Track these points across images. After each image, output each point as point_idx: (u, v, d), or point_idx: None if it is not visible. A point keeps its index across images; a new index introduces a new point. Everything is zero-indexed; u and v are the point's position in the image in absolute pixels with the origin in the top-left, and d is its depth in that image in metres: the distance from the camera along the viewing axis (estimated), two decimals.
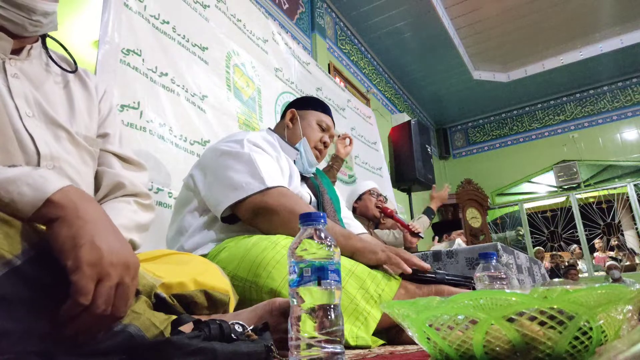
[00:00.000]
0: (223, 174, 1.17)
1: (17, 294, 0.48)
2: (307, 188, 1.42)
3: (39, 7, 0.73)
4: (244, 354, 0.55)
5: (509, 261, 1.85)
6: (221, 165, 1.19)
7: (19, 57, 0.77)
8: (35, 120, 0.75)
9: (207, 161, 1.26)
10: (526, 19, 5.01)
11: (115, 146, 0.92)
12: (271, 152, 1.28)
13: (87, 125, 0.86)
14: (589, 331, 0.45)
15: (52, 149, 0.75)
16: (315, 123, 1.47)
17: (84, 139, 0.83)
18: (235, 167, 1.16)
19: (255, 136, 1.29)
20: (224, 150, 1.22)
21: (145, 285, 0.65)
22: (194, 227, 1.21)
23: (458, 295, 0.48)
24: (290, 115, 1.47)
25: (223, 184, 1.15)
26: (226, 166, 1.18)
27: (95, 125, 0.89)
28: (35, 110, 0.75)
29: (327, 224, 0.59)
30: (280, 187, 1.13)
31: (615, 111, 6.33)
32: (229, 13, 2.50)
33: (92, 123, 0.88)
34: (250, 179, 1.12)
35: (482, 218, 6.42)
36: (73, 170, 0.79)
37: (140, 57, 1.82)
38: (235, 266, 1.02)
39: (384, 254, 1.06)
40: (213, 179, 1.19)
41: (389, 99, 5.65)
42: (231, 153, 1.20)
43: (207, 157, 1.28)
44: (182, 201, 1.30)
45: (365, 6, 4.55)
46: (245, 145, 1.21)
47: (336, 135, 2.64)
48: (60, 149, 0.77)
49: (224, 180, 1.15)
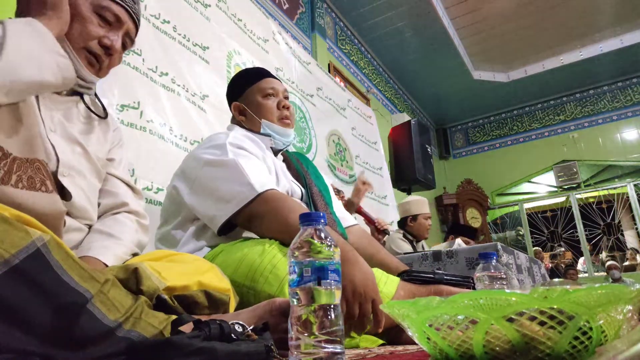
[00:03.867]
0: (211, 186, 1.12)
1: (17, 293, 0.48)
2: (295, 181, 1.35)
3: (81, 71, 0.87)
4: (244, 353, 0.54)
5: (509, 261, 1.85)
6: (207, 176, 1.14)
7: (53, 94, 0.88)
8: (57, 135, 0.85)
9: (190, 172, 1.19)
10: (526, 19, 5.01)
11: (119, 171, 1.01)
12: (257, 152, 1.22)
13: (99, 148, 0.95)
14: (589, 331, 0.45)
15: (69, 159, 0.84)
16: (261, 97, 1.34)
17: (96, 158, 0.92)
18: (221, 177, 1.11)
19: (237, 137, 1.22)
20: (207, 160, 1.15)
21: (150, 287, 0.65)
22: (185, 238, 1.18)
23: (458, 295, 0.48)
24: (236, 110, 1.37)
25: (213, 197, 1.11)
26: (212, 177, 1.12)
27: (107, 149, 0.98)
28: (58, 129, 0.86)
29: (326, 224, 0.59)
30: (271, 190, 1.08)
31: (615, 111, 6.33)
32: (229, 13, 2.50)
33: (104, 147, 0.97)
34: (240, 187, 1.07)
35: (482, 218, 6.42)
36: (85, 182, 0.86)
37: (140, 57, 1.82)
38: (232, 271, 1.00)
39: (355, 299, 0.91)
40: (202, 192, 1.14)
41: (389, 99, 5.65)
42: (215, 162, 1.14)
43: (189, 167, 1.21)
44: (167, 213, 1.26)
45: (366, 6, 4.55)
46: (228, 150, 1.14)
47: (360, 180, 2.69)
48: (75, 161, 0.86)
49: (213, 193, 1.11)
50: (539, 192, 6.86)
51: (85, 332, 0.51)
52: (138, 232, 0.95)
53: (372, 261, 1.28)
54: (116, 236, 0.88)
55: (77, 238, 0.87)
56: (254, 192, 1.05)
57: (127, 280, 0.64)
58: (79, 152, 0.88)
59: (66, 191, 0.81)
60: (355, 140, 3.82)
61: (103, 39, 0.88)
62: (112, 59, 0.92)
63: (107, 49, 0.89)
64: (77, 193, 0.83)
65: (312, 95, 3.27)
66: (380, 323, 0.91)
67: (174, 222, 1.23)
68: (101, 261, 0.82)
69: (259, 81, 1.36)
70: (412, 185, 4.19)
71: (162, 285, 0.68)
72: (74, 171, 0.85)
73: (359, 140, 3.91)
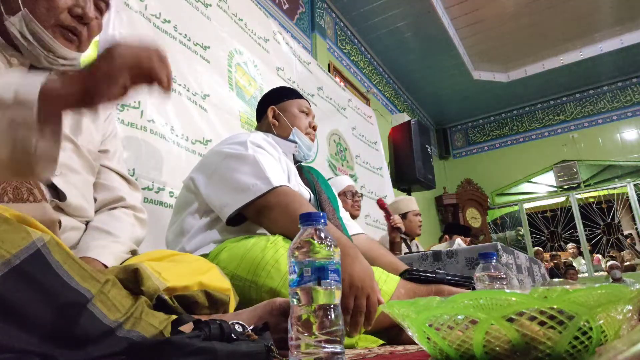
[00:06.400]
0: (229, 176, 1.18)
1: (17, 293, 0.48)
2: (305, 186, 1.42)
3: (60, 51, 0.80)
4: (244, 353, 0.55)
5: (509, 261, 1.85)
6: (226, 167, 1.20)
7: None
8: None
9: (210, 164, 1.26)
10: (526, 19, 5.01)
11: (114, 163, 0.98)
12: (273, 153, 1.30)
13: (90, 140, 0.91)
14: (589, 331, 0.45)
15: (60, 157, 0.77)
16: (298, 111, 1.48)
17: (88, 152, 0.88)
18: (240, 169, 1.17)
19: (257, 137, 1.31)
20: (227, 153, 1.23)
21: (150, 288, 0.65)
22: (195, 229, 1.21)
23: (458, 295, 0.48)
24: (272, 112, 1.48)
25: (230, 186, 1.16)
26: (232, 168, 1.19)
27: (99, 141, 0.94)
28: None
29: (327, 225, 0.59)
30: (285, 186, 1.14)
31: (615, 111, 6.33)
32: (230, 12, 2.50)
33: (96, 139, 0.93)
34: (256, 180, 1.13)
35: (482, 218, 6.42)
36: (78, 178, 0.84)
37: None
38: (235, 266, 1.03)
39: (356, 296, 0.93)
40: (219, 181, 1.20)
41: (389, 99, 5.65)
42: (235, 155, 1.21)
43: (210, 160, 1.28)
44: (182, 203, 1.31)
45: (365, 6, 4.55)
46: (249, 147, 1.22)
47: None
48: (66, 158, 0.82)
49: (231, 183, 1.16)
50: (539, 192, 6.86)
51: (85, 332, 0.51)
52: (135, 226, 0.94)
53: (376, 263, 1.29)
54: (114, 234, 0.88)
55: (75, 237, 0.87)
56: (270, 185, 1.11)
57: (128, 281, 0.64)
58: (69, 148, 0.85)
59: (60, 191, 0.80)
60: (355, 140, 3.82)
61: (74, 8, 0.80)
62: (90, 28, 0.84)
63: (80, 18, 0.81)
64: (71, 192, 0.81)
65: (313, 95, 3.27)
66: (371, 321, 0.91)
67: (186, 211, 1.26)
68: (100, 262, 0.82)
69: (299, 99, 1.53)
70: (412, 185, 4.19)
71: (162, 285, 0.68)
72: (66, 169, 0.82)
73: (359, 140, 3.91)
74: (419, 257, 1.97)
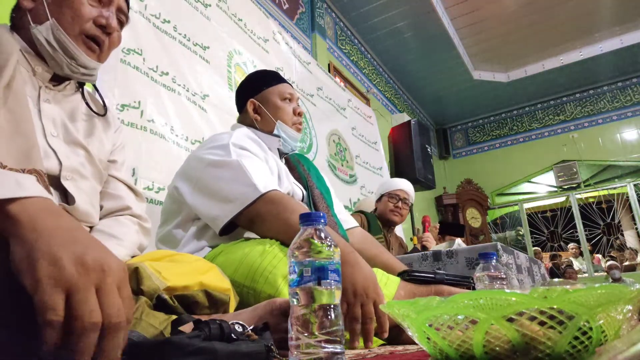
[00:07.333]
0: (214, 186, 1.12)
1: (17, 293, 0.48)
2: (297, 183, 1.36)
3: (82, 59, 0.84)
4: (244, 353, 0.55)
5: (509, 261, 1.85)
6: (210, 176, 1.14)
7: (55, 88, 0.86)
8: (59, 139, 0.83)
9: (192, 172, 1.19)
10: (526, 19, 5.01)
11: (122, 173, 0.99)
12: (259, 153, 1.23)
13: (101, 150, 0.93)
14: (589, 331, 0.45)
15: (72, 163, 0.82)
16: (279, 100, 1.37)
17: (99, 161, 0.90)
18: (225, 178, 1.11)
19: (239, 137, 1.23)
20: (210, 161, 1.16)
21: (150, 287, 0.65)
22: (185, 239, 1.18)
23: (458, 295, 0.48)
24: (252, 106, 1.38)
25: (216, 197, 1.11)
26: (216, 177, 1.13)
27: (109, 151, 0.97)
28: (60, 132, 0.83)
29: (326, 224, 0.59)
30: (274, 191, 1.08)
31: (615, 111, 6.33)
32: (229, 12, 2.50)
33: (107, 149, 0.96)
34: (243, 188, 1.07)
35: (482, 218, 6.42)
36: (87, 185, 0.85)
37: (141, 57, 1.82)
38: (232, 271, 1.00)
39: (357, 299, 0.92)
40: (204, 192, 1.14)
41: (389, 99, 5.65)
42: (219, 163, 1.14)
43: (192, 167, 1.21)
44: (168, 213, 1.26)
45: (365, 6, 4.55)
46: (231, 151, 1.15)
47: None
48: (78, 164, 0.84)
49: (217, 193, 1.11)
50: (539, 192, 6.86)
51: None
52: (139, 233, 0.95)
53: (373, 262, 1.28)
54: (118, 237, 0.88)
55: None
56: (257, 193, 1.06)
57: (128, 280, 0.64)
58: (82, 155, 0.86)
59: (69, 195, 0.80)
60: (355, 140, 3.82)
61: (98, 18, 0.85)
62: (111, 39, 0.88)
63: (103, 27, 0.85)
64: (80, 197, 0.82)
65: (313, 95, 3.27)
66: (384, 326, 0.90)
67: (174, 222, 1.23)
68: None
69: (278, 84, 1.40)
70: (412, 185, 4.19)
71: (162, 285, 0.68)
72: (77, 174, 0.83)
73: (359, 140, 3.91)
74: (419, 257, 1.97)
